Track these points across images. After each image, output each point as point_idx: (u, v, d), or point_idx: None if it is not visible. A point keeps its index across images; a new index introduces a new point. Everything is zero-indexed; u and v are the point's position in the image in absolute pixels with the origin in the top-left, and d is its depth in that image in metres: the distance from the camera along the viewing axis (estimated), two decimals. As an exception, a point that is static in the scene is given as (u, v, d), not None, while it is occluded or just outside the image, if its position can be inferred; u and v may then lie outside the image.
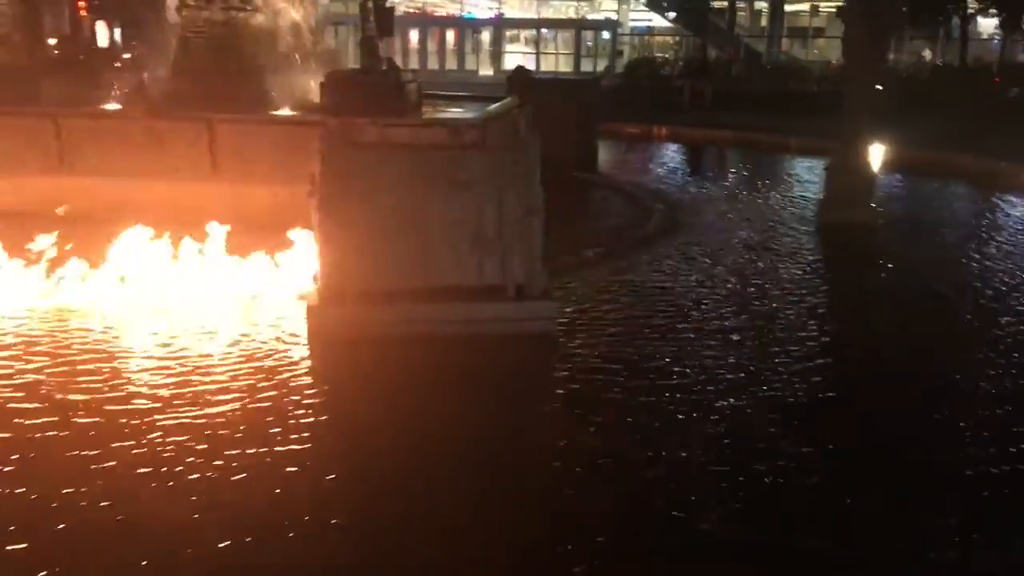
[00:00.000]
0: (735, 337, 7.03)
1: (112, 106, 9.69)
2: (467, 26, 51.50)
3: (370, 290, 6.78)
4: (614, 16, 50.61)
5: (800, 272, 9.06)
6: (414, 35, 52.10)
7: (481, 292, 6.94)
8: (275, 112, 10.52)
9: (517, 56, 51.43)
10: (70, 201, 9.29)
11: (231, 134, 9.39)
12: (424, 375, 6.13)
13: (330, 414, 5.65)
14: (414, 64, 50.78)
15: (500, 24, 51.42)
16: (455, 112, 11.62)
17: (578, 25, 50.06)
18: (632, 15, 51.78)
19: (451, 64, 49.56)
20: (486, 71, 47.55)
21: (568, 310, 7.47)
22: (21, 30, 9.89)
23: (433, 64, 50.45)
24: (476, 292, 6.94)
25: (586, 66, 48.50)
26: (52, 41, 25.02)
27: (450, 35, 51.68)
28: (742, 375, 6.27)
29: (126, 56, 17.99)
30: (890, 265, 9.74)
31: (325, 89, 10.96)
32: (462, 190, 6.74)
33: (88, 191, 9.38)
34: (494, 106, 11.66)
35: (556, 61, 50.68)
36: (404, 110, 10.93)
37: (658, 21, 49.41)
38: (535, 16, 51.70)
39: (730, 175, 16.51)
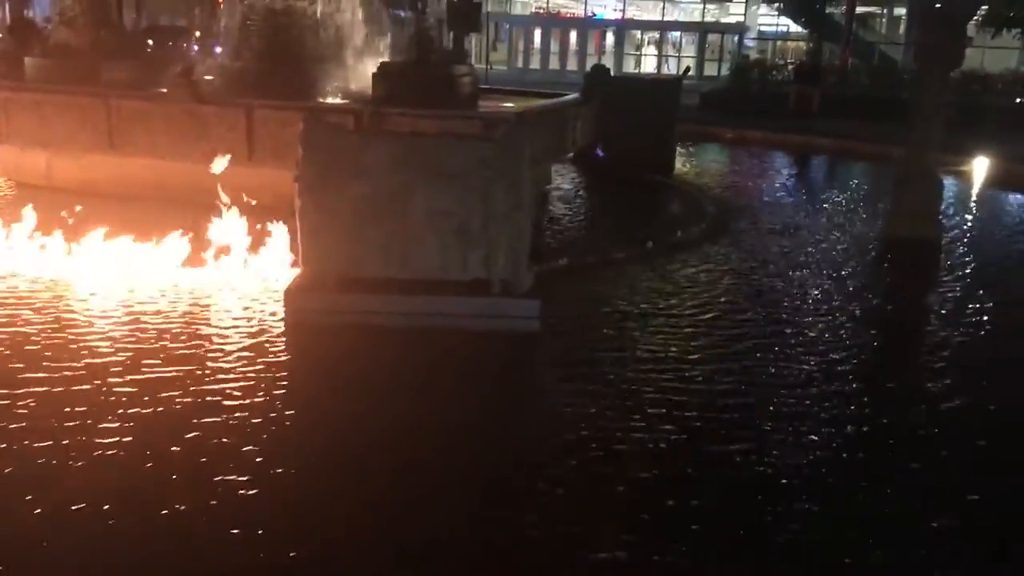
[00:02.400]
0: (721, 362, 6.50)
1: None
2: (590, 27, 51.25)
3: (350, 278, 6.71)
4: (742, 19, 49.37)
5: (832, 292, 8.31)
6: (537, 35, 52.31)
7: (465, 286, 6.77)
8: (322, 100, 10.63)
9: (640, 58, 51.05)
10: (119, 180, 9.66)
11: (268, 121, 9.51)
12: (397, 366, 6.01)
13: (295, 400, 5.51)
14: (535, 64, 51.25)
15: (624, 26, 50.93)
16: (508, 106, 11.43)
17: (703, 28, 49.07)
18: (763, 19, 50.40)
19: (571, 65, 49.44)
20: (608, 73, 46.95)
21: (562, 312, 7.18)
22: (86, 13, 10.31)
23: (554, 64, 50.55)
24: (459, 286, 6.78)
25: (710, 70, 47.62)
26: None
27: (573, 36, 51.65)
28: (710, 387, 5.89)
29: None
30: (941, 286, 8.96)
31: (376, 80, 11.02)
32: (448, 180, 6.58)
33: (134, 171, 9.72)
34: (544, 102, 11.43)
35: (679, 64, 49.90)
36: (454, 102, 10.86)
37: (792, 26, 47.92)
38: (660, 18, 50.87)
39: (812, 184, 15.74)
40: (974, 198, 14.12)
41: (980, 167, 15.51)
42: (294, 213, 6.68)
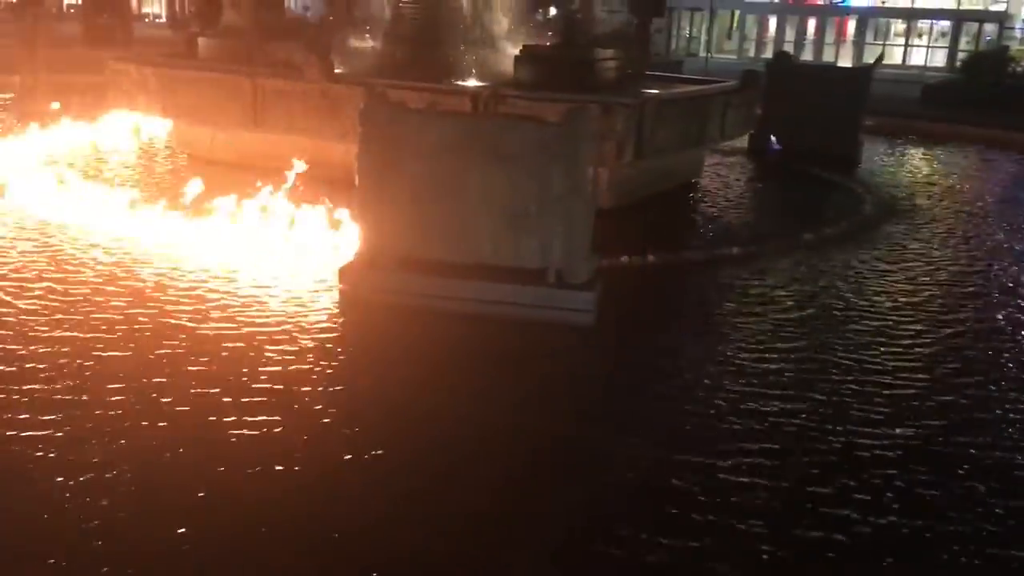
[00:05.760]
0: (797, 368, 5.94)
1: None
2: (830, 14, 48.30)
3: (405, 258, 6.65)
4: (1003, 8, 44.64)
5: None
6: (772, 22, 50.01)
7: (518, 274, 6.53)
8: (453, 81, 10.65)
9: (881, 48, 47.49)
10: (261, 155, 10.18)
11: (391, 100, 9.63)
12: (440, 351, 5.95)
13: (338, 377, 5.54)
14: (767, 54, 48.95)
15: (869, 13, 47.57)
16: (651, 91, 10.91)
17: (957, 16, 44.85)
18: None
19: (806, 55, 46.75)
20: (844, 63, 43.99)
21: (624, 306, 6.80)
22: (249, -3, 10.94)
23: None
24: (517, 273, 6.55)
25: (963, 62, 43.51)
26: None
27: (811, 24, 48.90)
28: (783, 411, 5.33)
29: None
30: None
31: (518, 63, 10.91)
32: (504, 162, 6.36)
33: (275, 147, 10.21)
34: (683, 88, 10.83)
35: (928, 55, 46.03)
36: (593, 87, 10.54)
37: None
38: (910, 5, 46.94)
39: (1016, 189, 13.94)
40: None
41: None
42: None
